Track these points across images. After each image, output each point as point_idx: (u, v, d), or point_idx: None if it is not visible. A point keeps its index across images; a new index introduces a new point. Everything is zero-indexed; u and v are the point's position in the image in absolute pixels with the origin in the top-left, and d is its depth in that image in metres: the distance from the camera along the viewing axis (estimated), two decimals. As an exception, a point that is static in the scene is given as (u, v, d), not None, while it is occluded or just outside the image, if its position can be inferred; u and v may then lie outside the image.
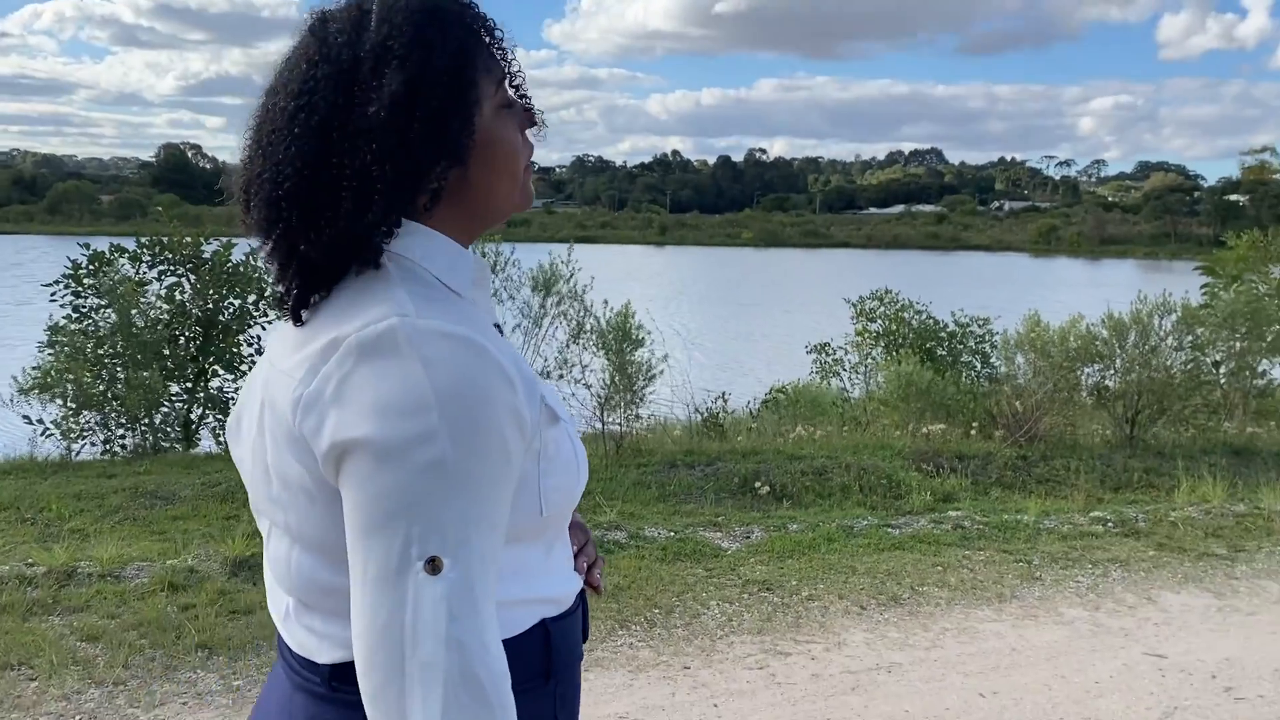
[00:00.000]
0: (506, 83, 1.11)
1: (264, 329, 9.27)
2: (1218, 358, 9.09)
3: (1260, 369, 9.57)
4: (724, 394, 9.67)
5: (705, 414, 9.12)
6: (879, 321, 11.28)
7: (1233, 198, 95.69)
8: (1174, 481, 7.17)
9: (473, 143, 1.05)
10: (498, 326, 1.13)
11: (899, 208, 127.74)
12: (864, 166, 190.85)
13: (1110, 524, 6.18)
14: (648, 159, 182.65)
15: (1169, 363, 8.17)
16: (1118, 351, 8.00)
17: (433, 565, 0.93)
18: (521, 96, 1.14)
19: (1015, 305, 13.32)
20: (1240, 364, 9.27)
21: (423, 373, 0.94)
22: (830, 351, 11.60)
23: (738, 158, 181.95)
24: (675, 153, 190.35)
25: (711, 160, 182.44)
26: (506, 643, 1.00)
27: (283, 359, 1.04)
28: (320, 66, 1.03)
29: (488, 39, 1.10)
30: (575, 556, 1.25)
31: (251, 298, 9.29)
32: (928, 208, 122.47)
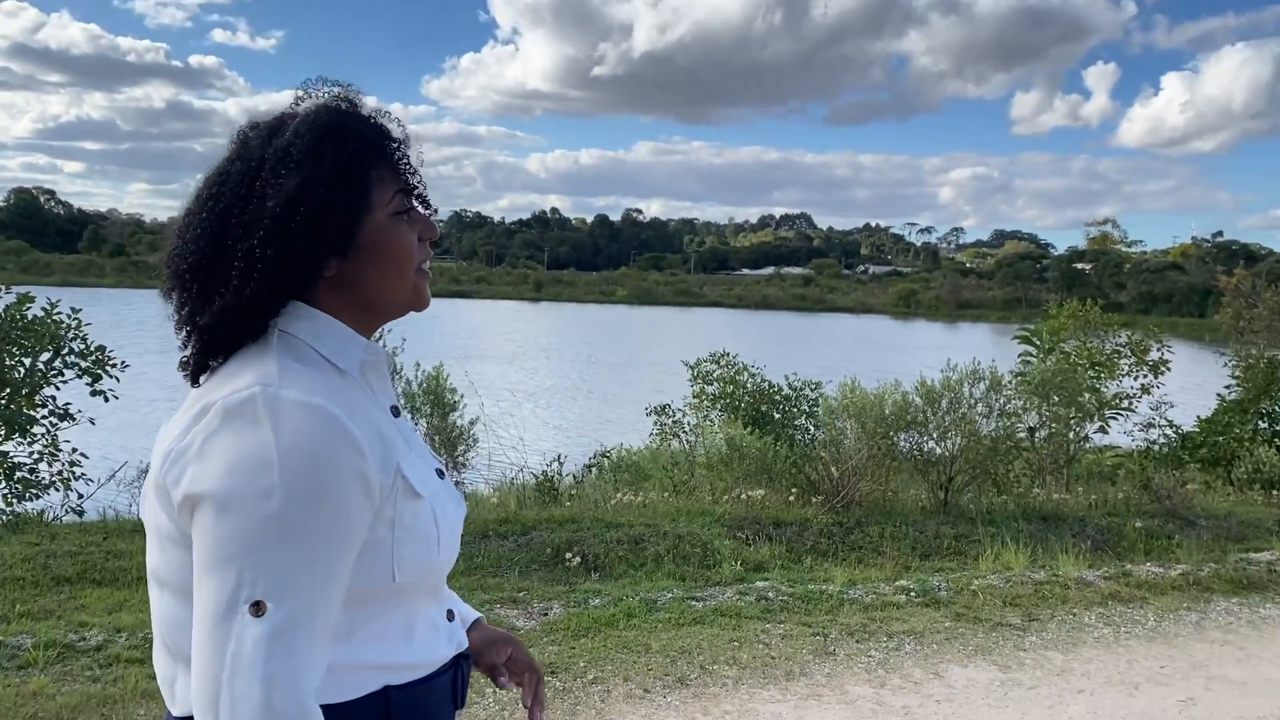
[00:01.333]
0: (404, 193, 1.26)
1: (58, 389, 8.60)
2: (1032, 424, 9.35)
3: (1072, 436, 9.91)
4: (559, 457, 9.45)
5: (539, 478, 8.87)
6: (716, 384, 11.26)
7: (1079, 266, 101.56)
8: (982, 548, 7.26)
9: (359, 241, 1.21)
10: (395, 409, 1.27)
11: (770, 269, 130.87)
12: (737, 229, 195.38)
13: (913, 593, 6.17)
14: (526, 216, 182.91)
15: (982, 429, 8.34)
16: (931, 418, 8.13)
17: (257, 608, 1.05)
18: (424, 204, 1.29)
19: (872, 366, 13.56)
20: (1054, 431, 9.57)
21: (271, 437, 1.08)
22: (670, 413, 11.50)
23: (615, 217, 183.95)
24: (554, 210, 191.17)
25: (590, 218, 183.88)
26: (344, 705, 1.15)
27: (174, 423, 1.18)
28: (235, 163, 1.23)
29: (389, 152, 1.25)
30: (523, 695, 1.49)
31: (45, 356, 8.62)
32: (797, 270, 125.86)
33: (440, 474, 1.31)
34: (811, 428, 10.82)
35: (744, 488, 8.23)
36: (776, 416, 11.05)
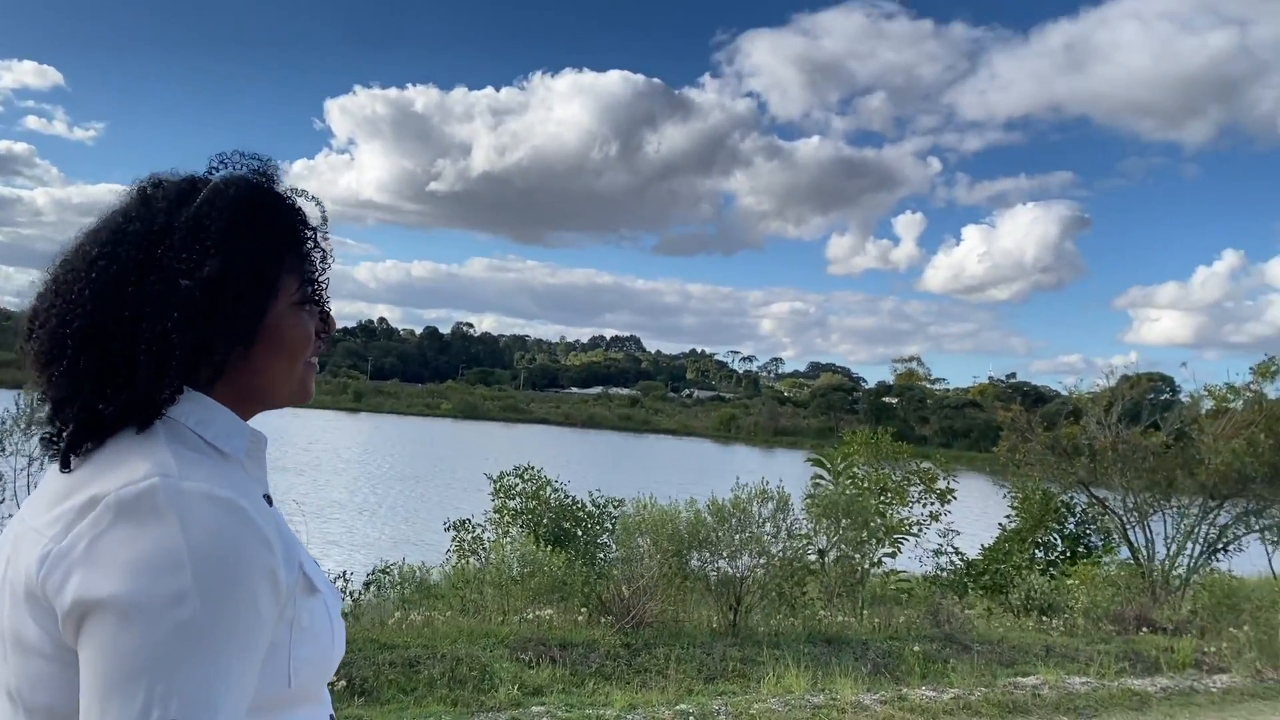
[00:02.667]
0: (309, 282, 1.18)
1: None
2: (822, 546, 9.53)
3: (862, 559, 10.15)
4: (345, 573, 8.93)
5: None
6: (518, 499, 11.02)
7: (887, 399, 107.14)
8: (765, 671, 7.21)
9: (262, 329, 1.12)
10: (268, 497, 1.14)
11: (598, 389, 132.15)
12: (568, 348, 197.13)
13: (692, 717, 6.03)
14: (353, 324, 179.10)
15: (772, 549, 8.41)
16: (722, 537, 8.15)
17: None
18: (319, 297, 1.20)
19: (681, 486, 13.56)
20: (843, 554, 9.77)
21: (180, 533, 0.95)
22: (470, 529, 11.15)
23: (446, 330, 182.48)
24: (382, 320, 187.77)
25: (419, 330, 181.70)
26: None
27: (36, 516, 1.04)
28: (134, 223, 1.09)
29: (302, 239, 1.18)
30: None
31: None
32: (624, 391, 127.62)
33: (316, 564, 1.19)
34: (613, 546, 10.71)
35: (534, 607, 7.97)
36: (579, 534, 10.89)
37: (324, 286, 1.21)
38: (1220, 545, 12.96)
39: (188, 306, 1.05)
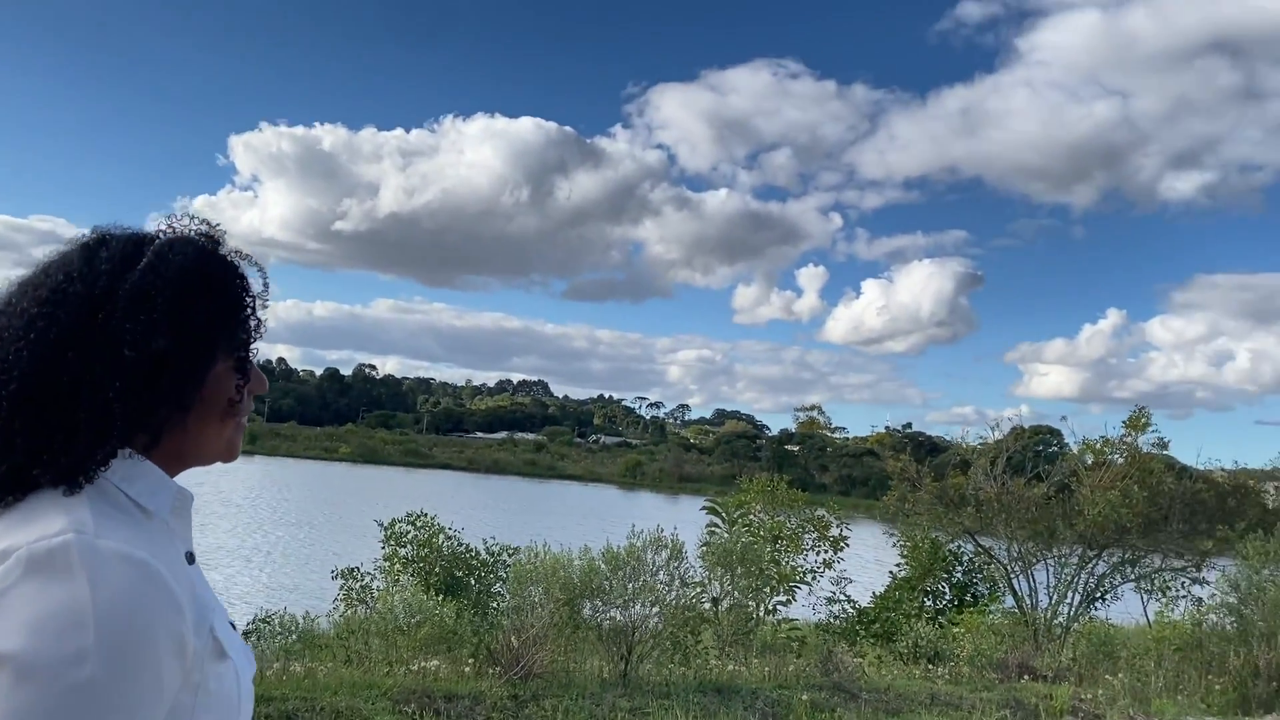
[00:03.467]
0: (245, 346, 1.17)
1: None
2: (716, 594, 9.57)
3: (756, 607, 10.23)
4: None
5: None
6: (410, 546, 10.82)
7: (789, 447, 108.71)
8: (654, 721, 7.17)
9: (199, 395, 1.12)
10: (190, 555, 1.14)
11: (504, 434, 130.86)
12: (474, 391, 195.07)
13: (577, 771, 5.95)
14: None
15: (666, 597, 8.41)
16: (615, 585, 8.12)
17: None
18: (252, 359, 1.19)
19: (579, 533, 13.47)
20: (736, 601, 9.83)
21: (87, 592, 0.93)
22: (358, 577, 10.89)
23: (348, 371, 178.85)
24: (281, 360, 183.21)
25: (319, 371, 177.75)
26: None
27: None
28: (76, 284, 1.07)
29: (245, 305, 1.18)
30: None
31: None
32: (530, 436, 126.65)
33: (232, 626, 1.19)
34: (507, 594, 10.58)
35: (421, 658, 7.80)
36: (471, 583, 10.74)
37: (257, 349, 1.21)
38: (1098, 594, 13.44)
39: (131, 377, 1.04)
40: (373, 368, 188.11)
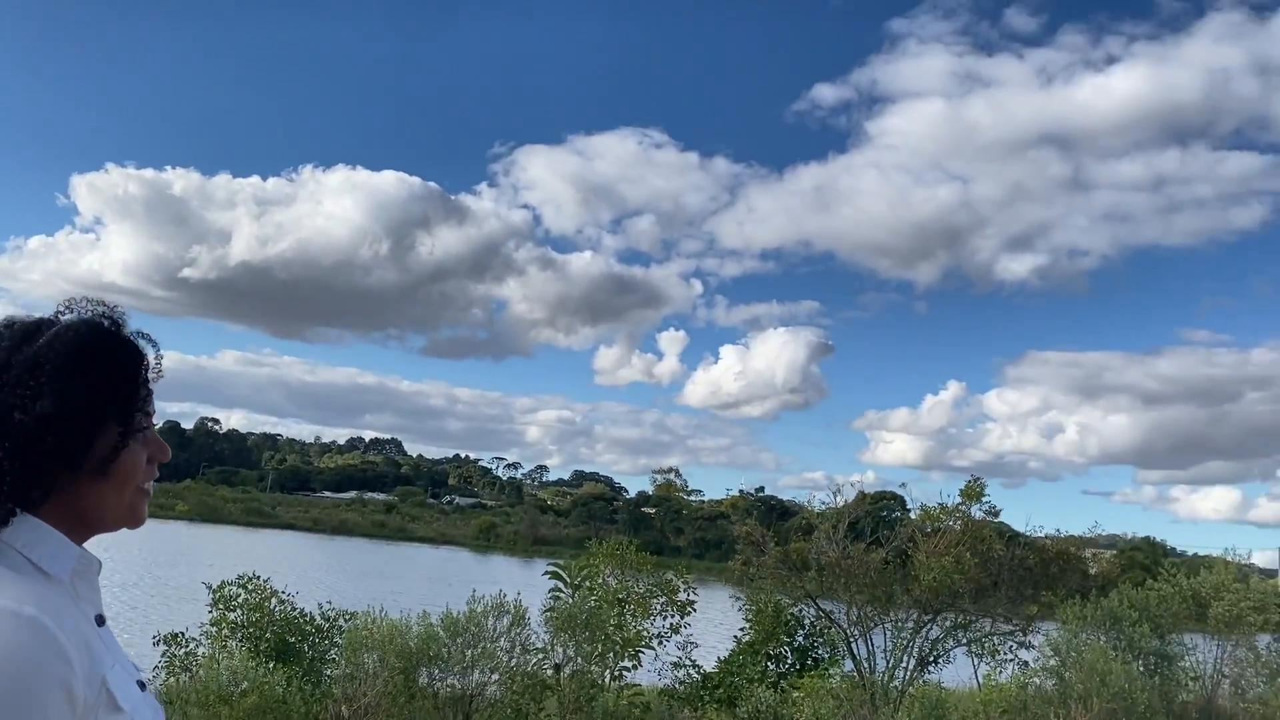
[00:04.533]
0: (139, 414, 1.26)
1: None
2: (559, 660, 9.44)
3: (598, 672, 10.13)
4: None
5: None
6: (240, 610, 10.29)
7: (646, 510, 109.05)
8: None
9: (90, 459, 1.20)
10: (100, 617, 1.22)
11: (353, 493, 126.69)
12: (323, 449, 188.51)
13: (403, 847, 5.73)
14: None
15: (507, 664, 8.26)
16: (454, 653, 7.93)
17: None
18: (148, 426, 1.29)
19: (420, 598, 13.09)
20: (579, 667, 9.72)
21: None
22: (183, 643, 10.28)
23: (189, 425, 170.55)
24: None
25: (159, 424, 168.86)
26: None
27: None
28: None
29: (140, 377, 1.27)
30: None
31: None
32: (381, 496, 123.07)
33: (142, 685, 1.26)
34: (343, 662, 10.18)
35: (244, 729, 7.39)
36: (304, 649, 10.28)
37: (152, 417, 1.32)
38: (932, 657, 13.89)
39: (19, 439, 1.14)
40: (216, 422, 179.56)
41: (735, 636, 14.18)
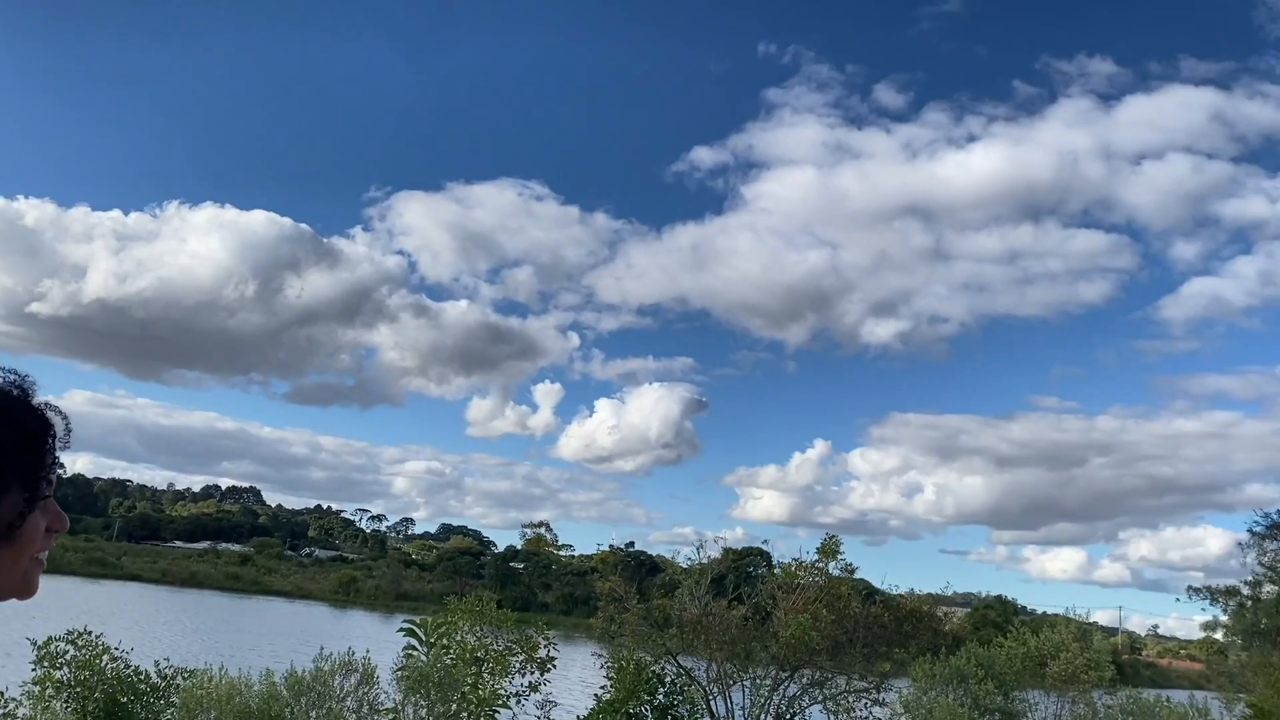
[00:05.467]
0: (41, 483, 1.28)
1: None
2: (410, 720, 9.16)
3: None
4: None
5: None
6: (67, 668, 9.65)
7: (514, 564, 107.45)
8: None
9: None
10: None
11: (206, 544, 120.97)
12: (176, 496, 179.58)
13: None
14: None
15: (354, 725, 7.96)
16: (297, 714, 7.61)
17: None
18: (48, 496, 1.30)
19: (273, 655, 12.53)
20: (432, 727, 9.44)
21: None
22: (2, 703, 9.56)
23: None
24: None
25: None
26: None
27: None
28: None
29: (44, 446, 1.30)
30: None
31: None
32: (236, 547, 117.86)
33: None
34: (178, 723, 9.63)
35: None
36: (137, 710, 9.70)
37: (53, 487, 1.32)
38: (789, 715, 14.03)
39: None
40: (61, 466, 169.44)
41: (595, 695, 14.03)
